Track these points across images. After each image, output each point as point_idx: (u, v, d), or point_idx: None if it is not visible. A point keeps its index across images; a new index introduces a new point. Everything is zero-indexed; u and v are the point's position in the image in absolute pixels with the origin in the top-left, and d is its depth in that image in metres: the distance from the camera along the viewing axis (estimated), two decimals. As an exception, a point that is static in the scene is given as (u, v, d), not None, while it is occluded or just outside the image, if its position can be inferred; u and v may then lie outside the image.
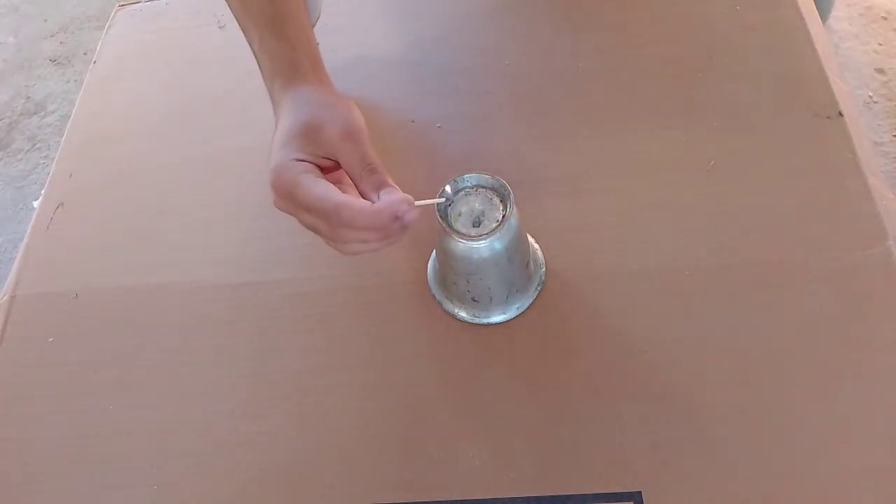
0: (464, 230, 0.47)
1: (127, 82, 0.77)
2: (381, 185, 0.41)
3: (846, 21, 1.55)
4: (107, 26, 0.83)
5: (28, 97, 1.89)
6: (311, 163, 0.42)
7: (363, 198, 0.42)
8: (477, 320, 0.53)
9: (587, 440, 0.48)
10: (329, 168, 0.43)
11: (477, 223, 0.48)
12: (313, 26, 0.55)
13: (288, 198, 0.42)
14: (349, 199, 0.40)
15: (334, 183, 0.43)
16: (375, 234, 0.41)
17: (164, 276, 0.61)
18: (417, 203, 0.41)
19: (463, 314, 0.54)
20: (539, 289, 0.54)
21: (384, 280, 0.57)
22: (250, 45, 0.50)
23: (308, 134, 0.43)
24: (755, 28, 0.65)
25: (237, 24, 0.51)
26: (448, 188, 0.48)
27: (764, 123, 0.59)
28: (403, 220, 0.40)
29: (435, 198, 0.47)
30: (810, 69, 0.62)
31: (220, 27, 0.79)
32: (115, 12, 0.84)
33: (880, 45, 1.51)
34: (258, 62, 0.49)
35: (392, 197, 0.40)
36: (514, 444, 0.48)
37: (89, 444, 0.53)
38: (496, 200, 0.48)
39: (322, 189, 0.40)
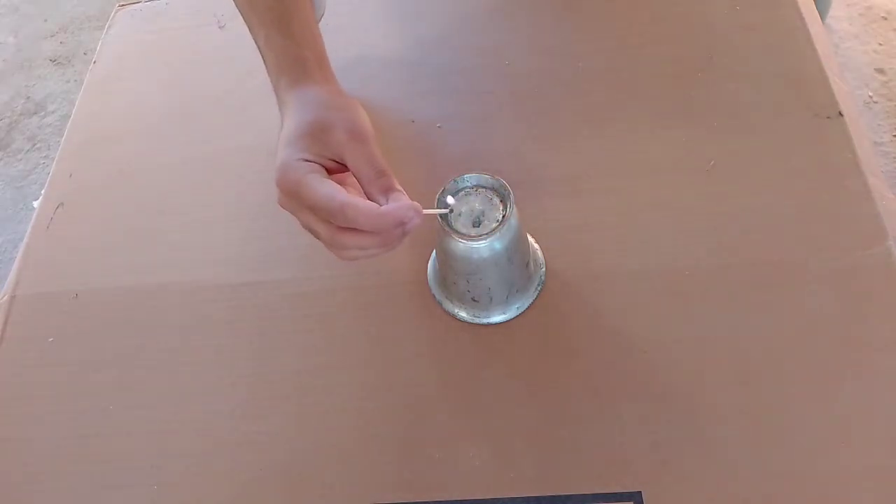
0: (464, 230, 0.47)
1: (127, 82, 0.77)
2: (389, 189, 0.41)
3: (846, 21, 1.56)
4: (107, 26, 0.83)
5: (28, 97, 1.89)
6: (317, 163, 0.42)
7: (370, 200, 0.42)
8: (477, 320, 0.53)
9: (587, 440, 0.48)
10: (334, 170, 0.43)
11: (477, 223, 0.48)
12: (317, 22, 0.55)
13: (293, 196, 0.42)
14: (355, 200, 0.40)
15: (338, 184, 0.43)
16: (375, 240, 0.41)
17: (164, 276, 0.61)
18: (425, 212, 0.41)
19: (463, 314, 0.54)
20: (539, 289, 0.54)
21: (384, 280, 0.57)
22: (256, 42, 0.50)
23: (314, 134, 0.43)
24: (755, 28, 0.65)
25: (243, 21, 0.51)
26: (450, 198, 0.47)
27: (764, 123, 0.59)
28: (406, 227, 0.40)
29: (436, 200, 0.47)
30: (810, 69, 0.62)
31: (220, 27, 0.79)
32: (115, 12, 0.84)
33: (880, 45, 1.51)
34: (264, 59, 0.49)
35: (400, 203, 0.40)
36: (514, 444, 0.48)
37: (89, 444, 0.53)
38: (496, 200, 0.48)
39: (328, 188, 0.40)
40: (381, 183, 0.42)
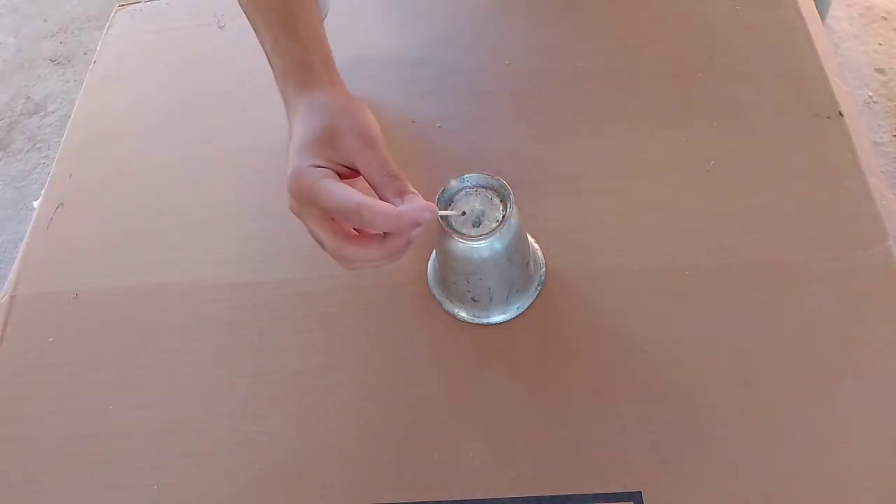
0: (464, 230, 0.47)
1: (127, 82, 0.77)
2: (403, 191, 0.42)
3: (846, 21, 1.56)
4: (107, 26, 0.83)
5: (28, 97, 1.89)
6: (329, 168, 0.43)
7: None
8: (477, 320, 0.53)
9: (587, 440, 0.48)
10: (345, 174, 0.44)
11: (477, 223, 0.48)
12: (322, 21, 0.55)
13: (306, 202, 0.42)
14: (371, 200, 0.40)
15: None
16: (380, 252, 0.41)
17: (164, 276, 0.61)
18: (440, 213, 0.42)
19: (463, 314, 0.54)
20: (539, 289, 0.54)
21: (384, 280, 0.57)
22: (262, 45, 0.50)
23: (325, 140, 0.43)
24: (755, 28, 0.65)
25: (243, 21, 0.51)
26: (463, 202, 0.48)
27: (764, 123, 0.59)
28: (413, 234, 0.41)
29: (436, 199, 0.47)
30: (810, 69, 0.62)
31: (220, 27, 0.79)
32: (115, 12, 0.84)
33: (880, 45, 1.52)
34: (270, 63, 0.49)
35: (415, 203, 0.40)
36: (514, 444, 0.48)
37: (89, 444, 0.53)
38: (496, 200, 0.48)
39: (342, 191, 0.41)
40: (395, 186, 0.42)
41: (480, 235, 0.46)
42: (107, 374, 0.56)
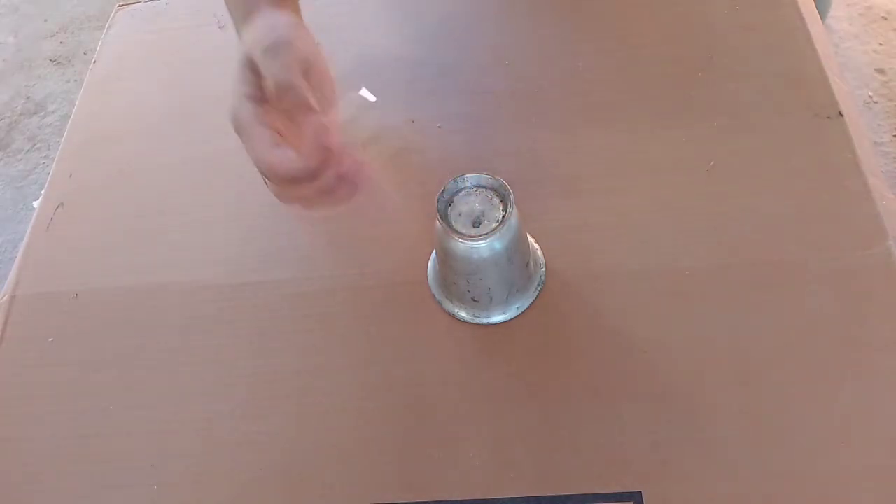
0: (464, 230, 0.47)
1: (127, 82, 0.77)
2: (299, 109, 0.39)
3: (846, 21, 1.56)
4: (107, 26, 0.83)
5: (28, 97, 1.89)
6: (258, 97, 0.41)
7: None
8: (477, 320, 0.53)
9: (587, 440, 0.48)
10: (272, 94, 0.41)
11: (477, 223, 0.48)
12: None
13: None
14: (272, 158, 0.39)
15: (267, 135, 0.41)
16: (315, 191, 0.40)
17: (164, 276, 0.61)
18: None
19: (463, 314, 0.54)
20: (539, 289, 0.54)
21: (384, 280, 0.57)
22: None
23: (248, 64, 0.41)
24: (755, 28, 0.65)
25: None
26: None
27: (764, 123, 0.59)
28: (345, 173, 0.39)
29: (436, 200, 0.47)
30: (810, 69, 0.62)
31: (220, 27, 0.79)
32: (115, 12, 0.84)
33: (880, 45, 1.52)
34: (228, 9, 0.48)
35: (313, 129, 0.39)
36: (514, 444, 0.48)
37: (89, 444, 0.53)
38: (496, 200, 0.48)
39: (253, 145, 0.40)
40: (284, 102, 0.39)
41: (480, 235, 0.46)
42: (107, 374, 0.56)
